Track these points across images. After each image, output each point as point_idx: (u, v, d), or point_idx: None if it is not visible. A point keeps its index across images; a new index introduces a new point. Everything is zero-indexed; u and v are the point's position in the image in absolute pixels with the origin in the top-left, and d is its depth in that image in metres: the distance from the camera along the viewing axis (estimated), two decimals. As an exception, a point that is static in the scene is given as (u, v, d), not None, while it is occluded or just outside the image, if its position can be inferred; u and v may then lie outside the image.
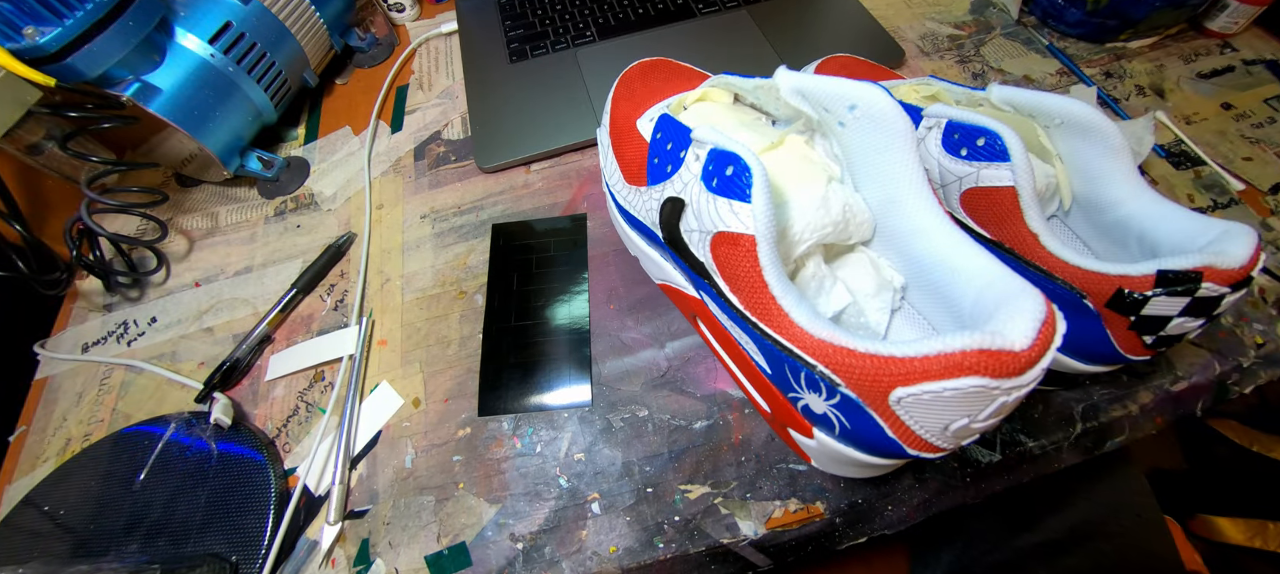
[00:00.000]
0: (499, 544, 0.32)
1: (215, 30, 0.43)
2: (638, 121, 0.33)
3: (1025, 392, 0.18)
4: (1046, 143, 0.30)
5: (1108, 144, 0.27)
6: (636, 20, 0.55)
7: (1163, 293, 0.23)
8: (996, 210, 0.27)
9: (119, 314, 0.43)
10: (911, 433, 0.20)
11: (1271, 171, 0.41)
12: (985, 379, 0.17)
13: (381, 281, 0.42)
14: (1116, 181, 0.27)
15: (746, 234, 0.22)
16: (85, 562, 0.32)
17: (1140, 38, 0.49)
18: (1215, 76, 0.47)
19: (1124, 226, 0.27)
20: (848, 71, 0.38)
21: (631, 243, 0.36)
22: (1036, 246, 0.26)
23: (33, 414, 0.40)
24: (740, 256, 0.23)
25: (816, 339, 0.21)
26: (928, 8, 0.55)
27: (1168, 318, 0.24)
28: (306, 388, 0.38)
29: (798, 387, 0.23)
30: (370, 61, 0.57)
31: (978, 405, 0.18)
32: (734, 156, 0.23)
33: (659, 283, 0.36)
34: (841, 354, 0.20)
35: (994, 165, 0.27)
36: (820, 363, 0.21)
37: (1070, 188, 0.30)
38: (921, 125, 0.29)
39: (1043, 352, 0.17)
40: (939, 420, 0.19)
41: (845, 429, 0.23)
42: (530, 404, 0.36)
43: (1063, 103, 0.28)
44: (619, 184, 0.33)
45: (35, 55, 0.34)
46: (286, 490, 0.34)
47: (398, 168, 0.49)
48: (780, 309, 0.22)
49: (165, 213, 0.47)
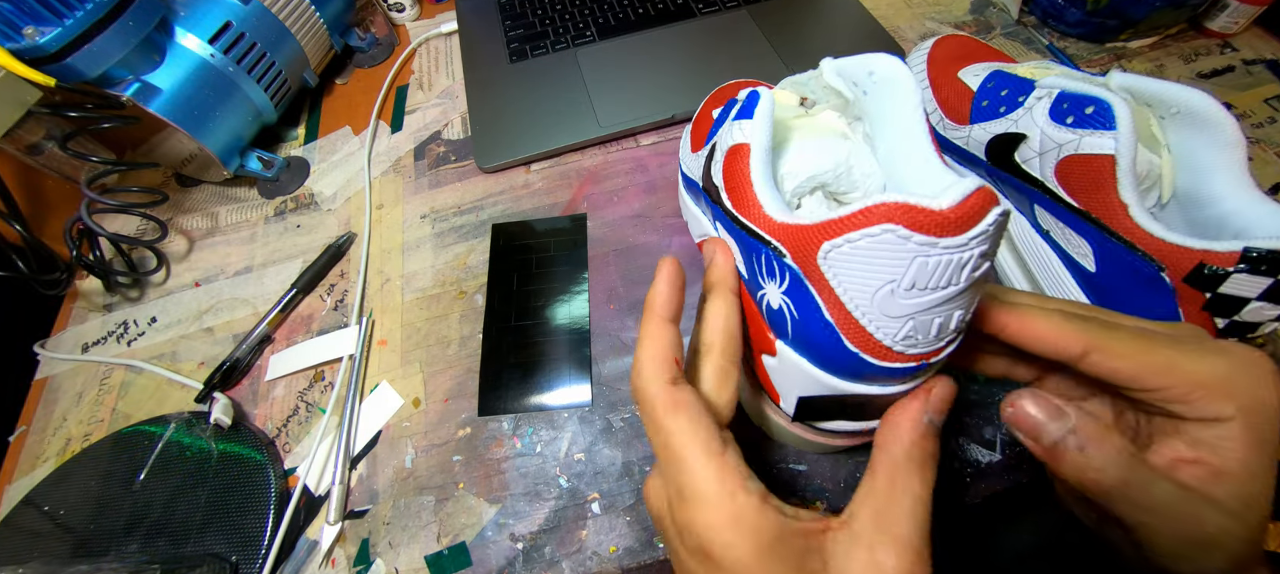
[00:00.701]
0: (499, 544, 0.32)
1: (215, 30, 0.43)
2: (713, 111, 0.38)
3: (949, 259, 0.17)
4: (1157, 132, 0.30)
5: (1222, 137, 0.27)
6: (636, 20, 0.54)
7: (1246, 270, 0.23)
8: (1091, 177, 0.28)
9: (119, 314, 0.43)
10: (851, 319, 0.20)
11: (1272, 172, 0.41)
12: (898, 226, 0.17)
13: (381, 282, 0.42)
14: (1222, 177, 0.27)
15: (744, 143, 0.26)
16: (85, 562, 0.32)
17: (1140, 38, 0.49)
18: (1215, 76, 0.47)
19: (1221, 224, 0.27)
20: (965, 49, 0.40)
21: (687, 206, 0.39)
22: (1124, 217, 0.26)
23: (33, 414, 0.40)
24: (739, 164, 0.26)
25: (775, 221, 0.23)
26: (928, 8, 0.55)
27: (1245, 300, 0.24)
28: (306, 388, 0.38)
29: (761, 276, 0.24)
30: (370, 61, 0.57)
31: (896, 265, 0.18)
32: (753, 92, 0.27)
33: (697, 241, 0.39)
34: (788, 230, 0.22)
35: (1098, 133, 0.27)
36: (772, 237, 0.22)
37: (1173, 181, 0.30)
38: (1031, 95, 0.31)
39: (965, 217, 0.17)
40: (863, 285, 0.19)
41: (795, 324, 0.23)
42: (530, 404, 0.36)
43: (1181, 91, 0.28)
44: (686, 156, 0.37)
45: (35, 55, 0.35)
46: (286, 490, 0.34)
47: (398, 168, 0.49)
48: (755, 199, 0.24)
49: (165, 213, 0.47)
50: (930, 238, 0.17)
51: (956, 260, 0.17)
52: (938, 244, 0.17)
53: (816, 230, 0.20)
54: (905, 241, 0.17)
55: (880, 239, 0.18)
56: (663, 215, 0.42)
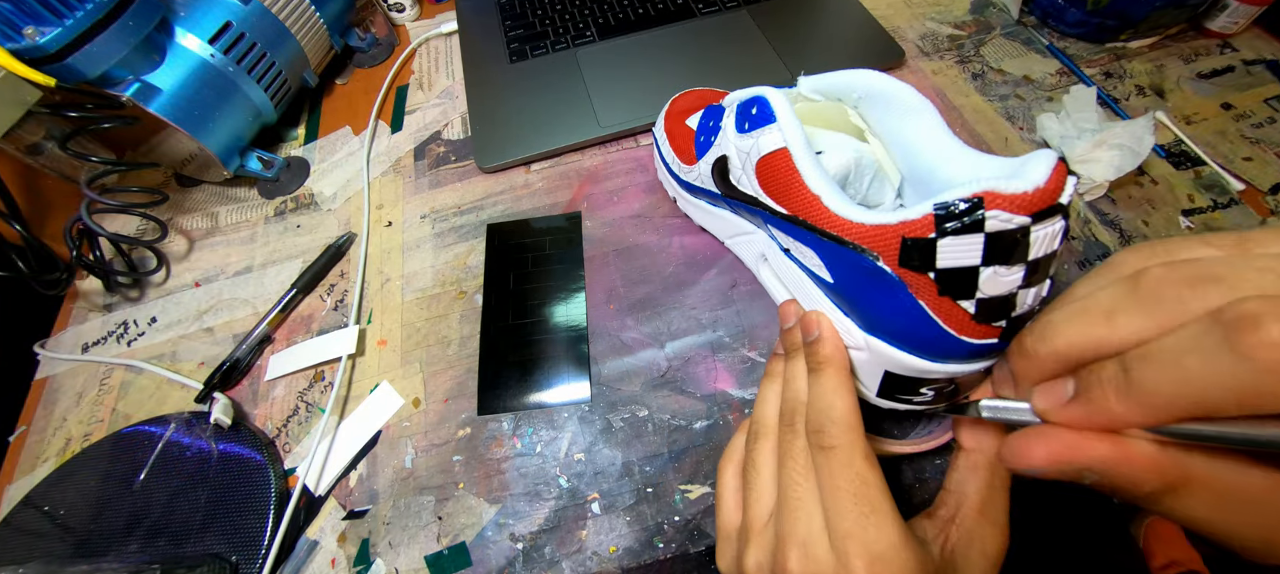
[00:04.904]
0: (499, 544, 0.32)
1: (215, 30, 0.43)
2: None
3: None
4: (857, 121, 0.29)
5: (905, 106, 0.26)
6: (636, 20, 0.54)
7: (949, 232, 0.19)
8: (782, 177, 0.26)
9: (119, 314, 0.43)
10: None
11: (1272, 171, 0.41)
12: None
13: (381, 281, 0.42)
14: (927, 144, 0.25)
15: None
16: (85, 562, 0.32)
17: (1140, 38, 0.49)
18: (1215, 76, 0.47)
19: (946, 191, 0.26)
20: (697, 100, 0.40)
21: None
22: (822, 209, 0.24)
23: (33, 414, 0.40)
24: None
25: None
26: (928, 8, 0.55)
27: (973, 270, 0.20)
28: (306, 388, 0.38)
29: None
30: (370, 61, 0.57)
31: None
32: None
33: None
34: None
35: (767, 130, 0.27)
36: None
37: (896, 165, 0.28)
38: (723, 116, 0.31)
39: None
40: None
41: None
42: (529, 402, 0.36)
43: (854, 75, 0.28)
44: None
45: (35, 55, 0.34)
46: (286, 490, 0.34)
47: (398, 168, 0.49)
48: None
49: (165, 213, 0.47)
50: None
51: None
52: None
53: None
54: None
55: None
56: (662, 215, 0.42)
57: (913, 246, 0.21)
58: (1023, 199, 0.18)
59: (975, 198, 0.19)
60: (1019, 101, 0.47)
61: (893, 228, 0.21)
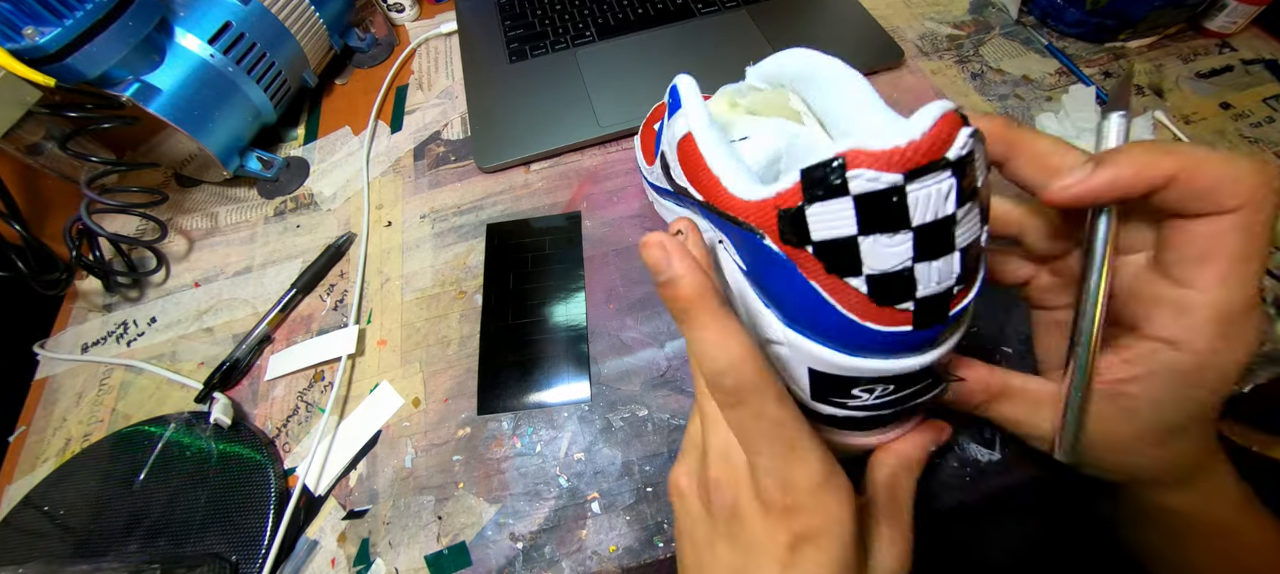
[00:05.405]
0: (499, 544, 0.32)
1: (215, 30, 0.43)
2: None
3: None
4: (797, 104, 0.28)
5: (834, 79, 0.24)
6: (636, 20, 0.55)
7: (818, 199, 0.17)
8: (690, 161, 0.25)
9: (119, 314, 0.43)
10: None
11: (1270, 171, 0.41)
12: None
13: (381, 281, 0.42)
14: (856, 115, 0.23)
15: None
16: (85, 562, 0.32)
17: (1139, 37, 0.49)
18: (1214, 76, 0.47)
19: None
20: None
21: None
22: (720, 190, 0.23)
23: (32, 414, 0.40)
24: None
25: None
26: (927, 8, 0.55)
27: (852, 242, 0.17)
28: (306, 388, 0.38)
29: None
30: (370, 61, 0.57)
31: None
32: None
33: None
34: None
35: (678, 115, 0.27)
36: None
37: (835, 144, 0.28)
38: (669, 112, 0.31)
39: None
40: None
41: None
42: (529, 402, 0.36)
43: (786, 55, 0.26)
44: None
45: (35, 55, 0.35)
46: (286, 490, 0.34)
47: (397, 168, 0.49)
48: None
49: (165, 213, 0.47)
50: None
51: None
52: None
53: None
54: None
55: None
56: (662, 215, 0.43)
57: (786, 217, 0.19)
58: (892, 155, 0.16)
59: (837, 157, 0.16)
60: (1018, 101, 0.47)
61: (770, 201, 0.19)
